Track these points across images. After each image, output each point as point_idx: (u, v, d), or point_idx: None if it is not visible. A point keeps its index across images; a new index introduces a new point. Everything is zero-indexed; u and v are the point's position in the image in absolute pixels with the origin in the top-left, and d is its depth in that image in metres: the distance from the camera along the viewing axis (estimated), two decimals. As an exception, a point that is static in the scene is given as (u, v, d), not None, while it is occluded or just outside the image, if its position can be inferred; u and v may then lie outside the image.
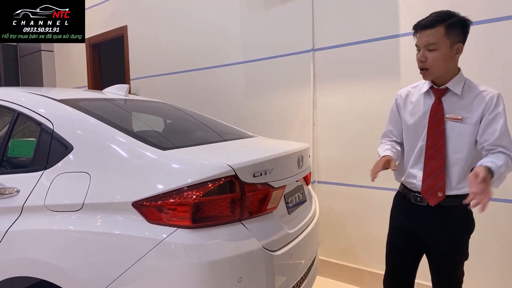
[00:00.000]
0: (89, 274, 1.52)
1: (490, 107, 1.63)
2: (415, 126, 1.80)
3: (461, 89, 1.69)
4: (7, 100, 1.93)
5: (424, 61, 1.68)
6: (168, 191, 1.49)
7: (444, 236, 1.74)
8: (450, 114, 1.70)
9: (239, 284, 1.53)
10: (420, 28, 1.68)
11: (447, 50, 1.65)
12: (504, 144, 1.61)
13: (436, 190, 1.71)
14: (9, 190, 1.71)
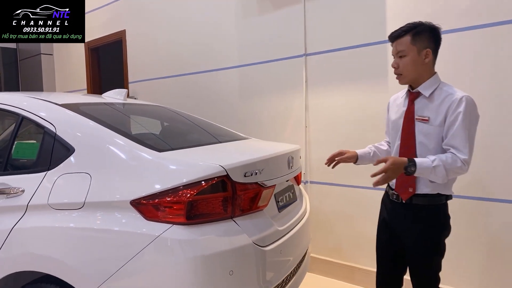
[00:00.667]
0: (91, 268, 1.63)
1: (452, 108, 1.71)
2: (395, 125, 1.93)
3: (430, 92, 1.80)
4: (12, 105, 2.04)
5: (396, 67, 1.84)
6: (164, 190, 1.60)
7: (417, 232, 1.84)
8: (419, 115, 1.81)
9: (231, 277, 1.63)
10: (391, 39, 1.86)
11: (415, 56, 1.78)
12: (455, 144, 1.70)
13: (407, 186, 1.82)
14: (14, 190, 1.82)
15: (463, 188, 2.56)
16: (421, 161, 1.69)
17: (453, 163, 1.68)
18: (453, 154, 1.70)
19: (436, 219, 1.84)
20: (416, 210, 1.85)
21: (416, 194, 1.83)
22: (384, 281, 2.08)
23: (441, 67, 2.43)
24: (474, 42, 2.49)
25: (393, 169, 1.67)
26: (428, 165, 1.68)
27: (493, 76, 2.43)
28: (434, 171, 1.68)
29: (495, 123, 2.43)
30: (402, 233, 1.92)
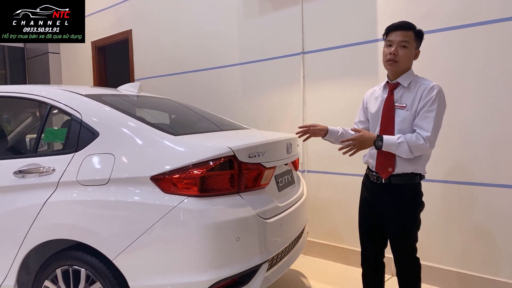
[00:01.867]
0: (116, 235, 1.88)
1: (424, 95, 1.94)
2: (376, 114, 2.13)
3: (408, 83, 2.02)
4: (41, 95, 2.28)
5: (396, 54, 1.98)
6: (180, 167, 1.85)
7: (396, 208, 2.05)
8: (398, 103, 2.03)
9: (237, 242, 1.89)
10: (396, 29, 2.00)
11: (412, 50, 2.02)
12: (421, 125, 1.93)
13: (387, 166, 2.03)
14: (46, 169, 2.06)
15: (448, 174, 2.82)
16: (388, 138, 1.94)
17: (416, 141, 1.90)
18: (417, 133, 1.92)
19: (412, 196, 2.06)
20: (395, 189, 2.05)
21: (394, 174, 2.03)
22: (368, 255, 2.27)
23: (437, 63, 2.71)
24: (461, 41, 2.74)
25: (360, 140, 1.93)
26: (393, 141, 1.92)
27: (478, 71, 2.68)
28: (399, 146, 1.92)
29: (477, 114, 2.68)
30: (383, 211, 2.11)
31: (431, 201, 2.90)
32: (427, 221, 2.92)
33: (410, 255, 2.12)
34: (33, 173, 2.07)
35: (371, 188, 2.17)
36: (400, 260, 2.14)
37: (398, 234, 2.09)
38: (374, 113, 2.15)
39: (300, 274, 3.21)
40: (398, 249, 2.12)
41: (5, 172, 2.12)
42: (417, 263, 2.14)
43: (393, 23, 2.04)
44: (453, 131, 2.74)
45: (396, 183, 2.04)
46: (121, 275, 1.88)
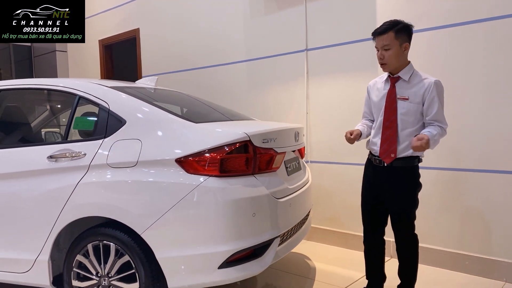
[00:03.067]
0: (144, 211, 2.09)
1: (429, 91, 2.15)
2: (378, 104, 2.32)
3: (409, 77, 2.22)
4: (70, 87, 2.48)
5: (382, 58, 2.22)
6: (202, 150, 2.06)
7: (398, 188, 2.25)
8: (400, 95, 2.23)
9: (253, 218, 2.10)
10: (376, 35, 2.22)
11: (397, 49, 2.18)
12: (439, 119, 2.17)
13: (390, 152, 2.23)
14: (77, 153, 2.26)
15: (446, 161, 3.04)
16: (431, 136, 2.10)
17: (443, 133, 2.18)
18: (440, 127, 2.16)
19: (412, 178, 2.27)
20: (396, 172, 2.25)
21: (395, 158, 2.23)
22: (370, 233, 2.46)
23: (436, 58, 2.93)
24: (459, 38, 2.96)
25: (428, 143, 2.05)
26: (432, 138, 2.10)
27: (476, 67, 2.90)
28: (435, 142, 2.13)
29: (474, 106, 2.90)
30: (385, 191, 2.30)
31: (430, 187, 3.13)
32: (426, 206, 3.15)
33: (410, 231, 2.33)
34: (65, 157, 2.27)
35: (374, 171, 2.36)
36: (400, 236, 2.34)
37: (401, 212, 2.29)
38: (376, 103, 2.34)
39: (305, 257, 3.43)
40: (400, 225, 2.32)
41: (40, 157, 2.32)
42: (415, 238, 2.35)
43: (375, 29, 2.24)
44: (452, 122, 2.96)
45: (398, 166, 2.24)
46: (148, 248, 2.09)
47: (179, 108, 2.70)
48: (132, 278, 2.14)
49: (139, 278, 2.12)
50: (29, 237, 2.33)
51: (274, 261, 2.24)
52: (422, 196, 3.04)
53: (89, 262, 2.24)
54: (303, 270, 3.16)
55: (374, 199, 2.38)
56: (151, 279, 2.10)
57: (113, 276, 2.19)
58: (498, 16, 2.76)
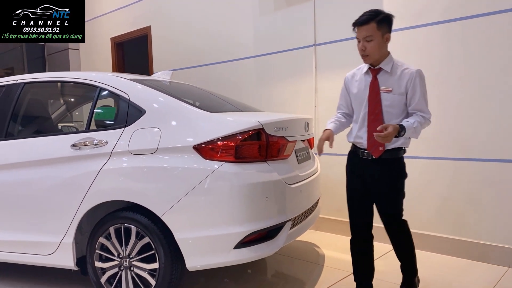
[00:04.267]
0: (163, 195, 2.21)
1: (411, 81, 2.11)
2: (360, 97, 2.25)
3: (390, 68, 2.16)
4: (91, 79, 2.61)
5: (364, 49, 2.14)
6: (219, 137, 2.19)
7: (384, 179, 2.22)
8: (383, 87, 2.17)
9: (266, 201, 2.22)
10: (358, 25, 2.14)
11: (380, 39, 2.12)
12: (420, 108, 2.14)
13: (378, 145, 2.17)
14: (100, 141, 2.39)
15: (443, 151, 3.14)
16: (407, 125, 2.07)
17: (425, 122, 2.16)
18: (422, 116, 2.14)
19: (398, 169, 2.24)
20: (383, 163, 2.21)
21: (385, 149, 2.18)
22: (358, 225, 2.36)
23: (435, 51, 3.03)
24: (459, 31, 3.06)
25: (392, 134, 2.01)
26: (411, 127, 2.07)
27: (476, 60, 3.00)
28: (415, 130, 2.10)
29: (474, 97, 3.00)
30: (373, 183, 2.24)
31: (429, 176, 3.24)
32: (426, 194, 3.26)
33: (399, 218, 2.31)
34: (88, 145, 2.41)
35: (360, 163, 2.28)
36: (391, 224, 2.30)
37: (387, 203, 2.27)
38: (357, 95, 2.28)
39: (315, 245, 3.55)
40: (389, 214, 2.29)
41: (63, 145, 2.46)
42: (405, 223, 2.33)
43: (356, 19, 2.16)
44: (455, 113, 3.07)
45: (385, 158, 2.20)
46: (167, 230, 2.21)
47: (194, 100, 2.82)
48: (152, 259, 2.27)
49: (158, 258, 2.25)
50: (54, 221, 2.47)
51: (286, 243, 2.35)
52: (422, 184, 3.17)
53: (111, 244, 2.37)
54: (312, 257, 3.28)
55: (360, 191, 2.31)
56: (170, 260, 2.23)
57: (134, 257, 2.32)
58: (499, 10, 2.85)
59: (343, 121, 2.44)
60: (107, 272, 2.40)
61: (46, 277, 2.92)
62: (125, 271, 2.35)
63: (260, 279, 2.95)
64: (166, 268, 2.23)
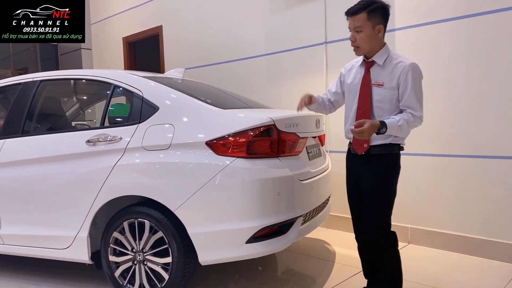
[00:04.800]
0: (177, 190, 2.25)
1: (403, 75, 1.98)
2: (353, 89, 2.16)
3: (383, 61, 2.04)
4: (105, 77, 2.66)
5: (354, 41, 2.06)
6: (231, 133, 2.21)
7: (373, 176, 2.08)
8: (374, 80, 2.06)
9: (278, 196, 2.24)
10: (348, 15, 2.06)
11: (370, 31, 2.01)
12: (410, 105, 2.00)
13: (362, 142, 2.07)
14: (114, 137, 2.43)
15: (455, 149, 3.13)
16: (390, 122, 1.95)
17: (413, 121, 2.00)
18: (411, 114, 1.99)
19: (388, 167, 2.08)
20: (372, 159, 2.09)
21: (372, 145, 2.06)
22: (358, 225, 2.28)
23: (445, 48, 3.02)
24: (469, 28, 3.05)
25: (369, 131, 1.92)
26: (395, 124, 1.95)
27: (485, 56, 2.98)
28: (400, 128, 1.97)
29: (483, 94, 2.99)
30: (362, 180, 2.14)
31: (440, 174, 3.23)
32: (436, 191, 3.25)
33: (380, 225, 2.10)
34: (102, 141, 2.45)
35: (352, 159, 2.23)
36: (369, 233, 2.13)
37: (372, 199, 2.10)
38: (351, 87, 2.19)
39: (325, 242, 3.56)
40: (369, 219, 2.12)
41: (79, 142, 2.51)
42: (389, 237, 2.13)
43: (348, 9, 2.09)
44: (462, 110, 3.06)
45: (375, 153, 2.08)
46: (180, 225, 2.25)
47: (205, 97, 2.85)
48: (165, 253, 2.31)
49: (171, 252, 2.28)
50: (69, 216, 2.52)
51: (297, 239, 2.37)
52: (436, 183, 3.16)
53: (125, 238, 2.41)
54: (323, 253, 3.29)
55: (355, 190, 2.22)
56: (183, 254, 2.26)
57: (148, 251, 2.36)
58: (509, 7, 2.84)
59: (326, 103, 2.36)
60: (121, 266, 2.44)
61: (60, 271, 2.98)
62: (139, 265, 2.39)
63: (271, 275, 2.97)
64: (179, 262, 2.26)
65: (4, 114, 2.99)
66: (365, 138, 2.00)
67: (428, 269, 2.89)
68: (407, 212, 3.40)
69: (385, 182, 2.09)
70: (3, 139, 2.79)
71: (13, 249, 2.75)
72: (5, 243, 2.76)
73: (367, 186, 2.12)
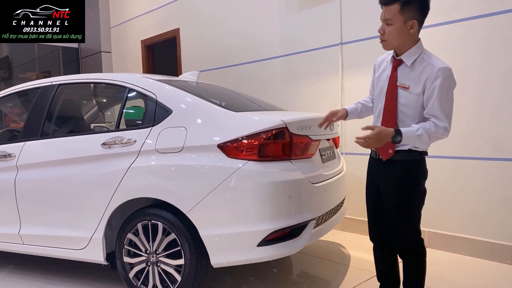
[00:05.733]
0: (189, 192, 2.26)
1: (431, 79, 1.80)
2: (380, 86, 2.02)
3: (412, 61, 1.87)
4: (119, 80, 2.70)
5: (382, 33, 1.90)
6: (242, 136, 2.22)
7: (394, 183, 1.96)
8: (400, 82, 1.90)
9: (289, 200, 2.23)
10: (381, 4, 1.89)
11: (400, 25, 1.83)
12: (434, 114, 1.82)
13: (387, 148, 1.91)
14: (128, 140, 2.47)
15: (483, 151, 3.05)
16: (406, 131, 1.80)
17: (436, 131, 1.81)
18: (434, 123, 1.82)
19: (409, 172, 1.94)
20: (396, 166, 1.95)
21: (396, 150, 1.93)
22: (373, 230, 2.22)
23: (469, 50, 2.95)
24: (491, 27, 2.97)
25: (377, 138, 1.80)
26: (413, 134, 1.80)
27: (505, 57, 2.90)
28: (419, 138, 1.81)
29: (506, 94, 2.90)
30: (383, 187, 2.05)
31: (461, 178, 3.15)
32: (459, 196, 3.17)
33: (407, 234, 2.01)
34: (117, 144, 2.49)
35: (374, 164, 2.13)
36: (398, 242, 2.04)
37: (392, 208, 2.01)
38: (379, 83, 2.06)
39: (340, 245, 3.52)
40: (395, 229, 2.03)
41: (95, 144, 2.55)
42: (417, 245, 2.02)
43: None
44: (491, 111, 2.98)
45: (398, 159, 1.94)
46: (193, 227, 2.26)
47: (219, 100, 2.87)
48: (178, 255, 2.33)
49: (184, 255, 2.30)
50: (85, 217, 2.57)
51: (309, 243, 2.35)
52: (461, 185, 3.07)
53: (139, 240, 2.44)
54: (338, 257, 3.26)
55: (375, 195, 2.13)
56: (195, 256, 2.28)
57: (161, 253, 2.38)
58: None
59: (369, 105, 2.23)
60: (135, 267, 2.48)
61: (78, 271, 3.04)
62: (152, 267, 2.42)
63: (285, 278, 2.95)
64: (191, 264, 2.28)
65: (25, 117, 3.08)
66: (373, 147, 1.91)
67: (446, 273, 2.83)
68: (425, 216, 3.32)
69: (407, 190, 1.97)
70: (24, 141, 2.86)
71: (32, 249, 2.82)
72: (25, 243, 2.83)
73: (389, 193, 2.01)
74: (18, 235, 2.82)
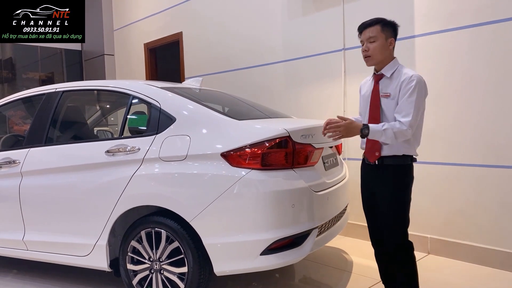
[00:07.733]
0: (192, 201, 2.27)
1: (404, 85, 2.06)
2: (365, 101, 2.27)
3: (391, 73, 2.14)
4: (124, 88, 2.71)
5: (367, 50, 2.15)
6: (245, 145, 2.22)
7: (386, 188, 2.15)
8: (383, 92, 2.15)
9: (292, 208, 2.24)
10: (364, 27, 2.18)
11: (383, 41, 2.13)
12: (400, 111, 2.05)
13: (374, 150, 2.15)
14: (132, 148, 2.48)
15: (478, 157, 3.05)
16: (374, 126, 2.05)
17: (400, 127, 2.01)
18: (399, 121, 2.03)
19: (399, 178, 2.14)
20: (385, 170, 2.15)
21: (385, 156, 2.13)
22: (371, 234, 2.35)
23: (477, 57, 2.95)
24: (491, 35, 2.97)
25: (348, 127, 2.05)
26: (379, 129, 2.02)
27: (502, 64, 2.90)
28: (384, 133, 2.01)
29: (497, 110, 2.91)
30: (375, 191, 2.21)
31: (462, 184, 3.15)
32: (461, 203, 3.17)
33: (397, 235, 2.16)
34: (121, 151, 2.50)
35: (366, 169, 2.29)
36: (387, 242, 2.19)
37: (385, 210, 2.17)
38: (363, 97, 2.32)
39: (343, 251, 3.53)
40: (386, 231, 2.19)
41: (98, 152, 2.57)
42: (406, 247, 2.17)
43: (362, 23, 2.20)
44: (487, 118, 2.98)
45: (387, 164, 2.14)
46: (196, 235, 2.27)
47: (222, 107, 2.88)
48: (181, 263, 2.34)
49: (187, 262, 2.31)
50: (89, 224, 2.58)
51: (312, 251, 2.36)
52: (458, 193, 3.08)
53: (142, 247, 2.45)
54: (340, 263, 3.26)
55: (369, 200, 2.30)
56: (198, 264, 2.29)
57: (164, 261, 2.39)
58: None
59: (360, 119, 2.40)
60: (138, 275, 2.49)
61: (81, 277, 3.06)
62: (156, 274, 2.43)
63: (288, 284, 2.96)
64: (194, 272, 2.29)
65: (29, 122, 3.10)
66: (342, 136, 2.10)
67: (448, 280, 2.83)
68: (427, 222, 3.34)
69: (397, 193, 2.16)
70: (28, 147, 2.88)
71: (36, 255, 2.84)
72: (29, 249, 2.85)
73: (381, 197, 2.19)
74: (22, 241, 2.84)
